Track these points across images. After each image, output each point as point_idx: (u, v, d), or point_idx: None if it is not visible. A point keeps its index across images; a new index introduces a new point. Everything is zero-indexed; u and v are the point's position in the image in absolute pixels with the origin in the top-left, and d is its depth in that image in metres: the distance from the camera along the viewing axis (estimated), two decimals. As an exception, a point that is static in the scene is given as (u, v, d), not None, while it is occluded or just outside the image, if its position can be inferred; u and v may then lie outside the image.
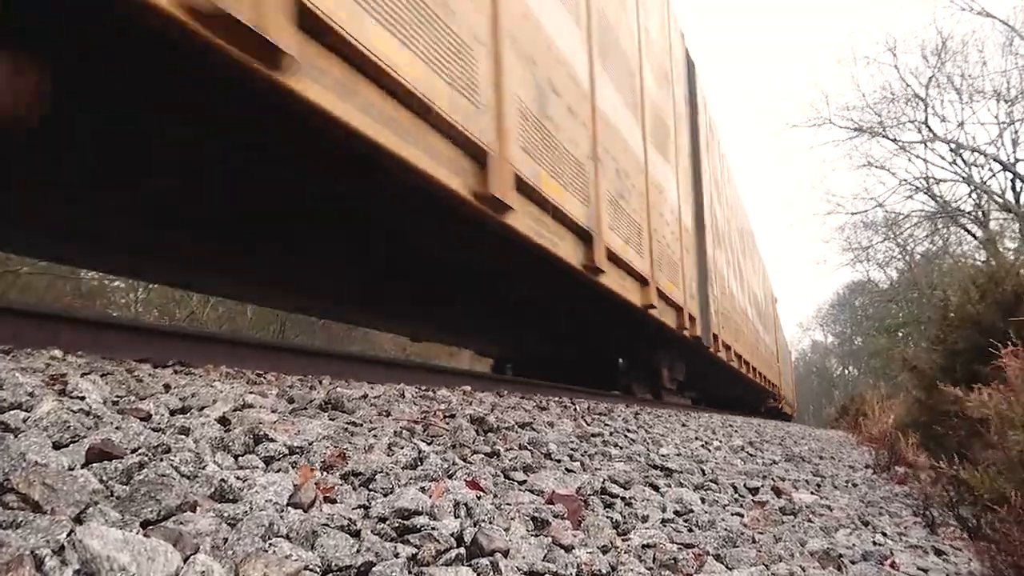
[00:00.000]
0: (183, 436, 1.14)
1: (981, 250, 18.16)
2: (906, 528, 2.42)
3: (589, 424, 2.90)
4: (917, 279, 20.50)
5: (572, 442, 2.21)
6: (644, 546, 1.26)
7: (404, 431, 1.65)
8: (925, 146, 19.93)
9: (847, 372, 43.24)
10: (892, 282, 25.55)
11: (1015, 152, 18.49)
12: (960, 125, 19.30)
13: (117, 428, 1.08)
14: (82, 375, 1.41)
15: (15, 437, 0.93)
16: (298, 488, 1.03)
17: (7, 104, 1.63)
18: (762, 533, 1.61)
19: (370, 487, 1.18)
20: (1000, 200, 18.90)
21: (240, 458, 1.16)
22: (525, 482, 1.52)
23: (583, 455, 2.05)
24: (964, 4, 17.88)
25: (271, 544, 0.84)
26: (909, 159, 21.35)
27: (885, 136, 20.25)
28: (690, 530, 1.50)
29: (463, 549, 0.99)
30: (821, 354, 46.43)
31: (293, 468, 1.16)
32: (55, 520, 0.73)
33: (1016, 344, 1.92)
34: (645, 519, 1.48)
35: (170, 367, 1.92)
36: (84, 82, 1.91)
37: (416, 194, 2.45)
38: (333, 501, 1.09)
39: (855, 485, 3.40)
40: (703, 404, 8.77)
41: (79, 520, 0.78)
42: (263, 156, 2.38)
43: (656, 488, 1.84)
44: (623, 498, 1.61)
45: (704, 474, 2.30)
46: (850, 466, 4.56)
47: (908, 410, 4.52)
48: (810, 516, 2.06)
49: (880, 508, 2.76)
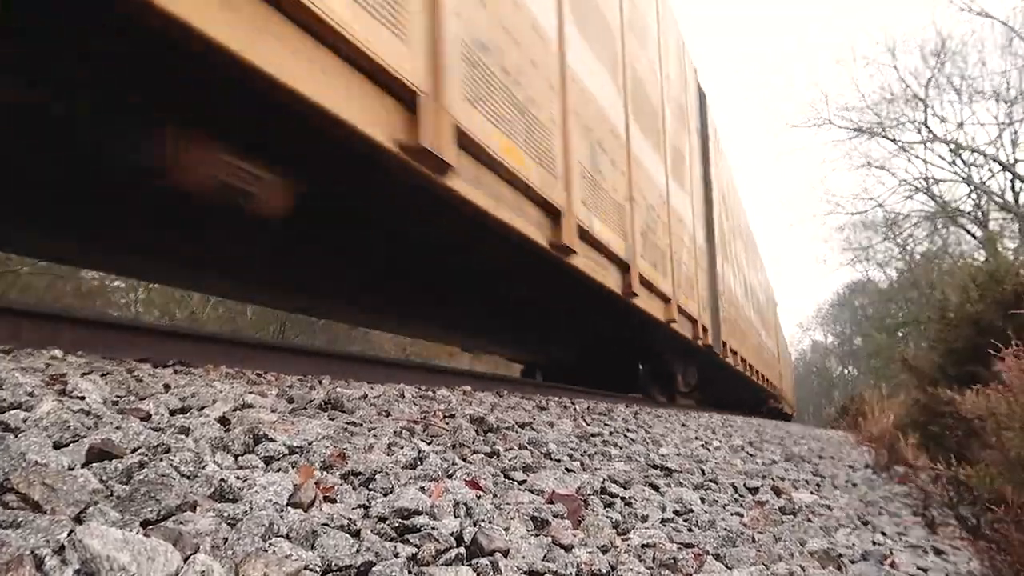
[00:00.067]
0: (183, 436, 1.14)
1: (981, 250, 18.17)
2: (906, 528, 2.42)
3: (589, 424, 2.90)
4: (917, 279, 20.51)
5: (572, 442, 2.21)
6: (644, 546, 1.26)
7: (404, 431, 1.65)
8: (925, 146, 19.97)
9: (847, 372, 43.24)
10: (892, 282, 25.58)
11: (1014, 152, 18.53)
12: (960, 125, 19.35)
13: (117, 428, 1.08)
14: (82, 375, 1.41)
15: (15, 437, 0.93)
16: (298, 488, 1.03)
17: (276, 209, 2.48)
18: (762, 533, 1.61)
19: (370, 487, 1.18)
20: (1000, 200, 18.93)
21: (240, 458, 1.16)
22: (525, 482, 1.53)
23: (583, 455, 2.05)
24: (963, 4, 17.92)
25: (271, 544, 0.84)
26: (909, 159, 21.40)
27: (885, 136, 20.30)
28: (690, 530, 1.50)
29: (463, 549, 0.99)
30: (821, 354, 46.43)
31: (293, 468, 1.16)
32: (55, 520, 0.73)
33: (1015, 344, 1.92)
34: (645, 519, 1.48)
35: (170, 367, 1.92)
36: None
37: (507, 243, 3.20)
38: (333, 501, 1.09)
39: (855, 485, 3.40)
40: (707, 405, 9.01)
41: (79, 520, 0.78)
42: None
43: (656, 488, 1.84)
44: (623, 498, 1.61)
45: (704, 474, 2.30)
46: (850, 466, 4.56)
47: (908, 410, 4.52)
48: (810, 516, 2.06)
49: (880, 508, 2.76)
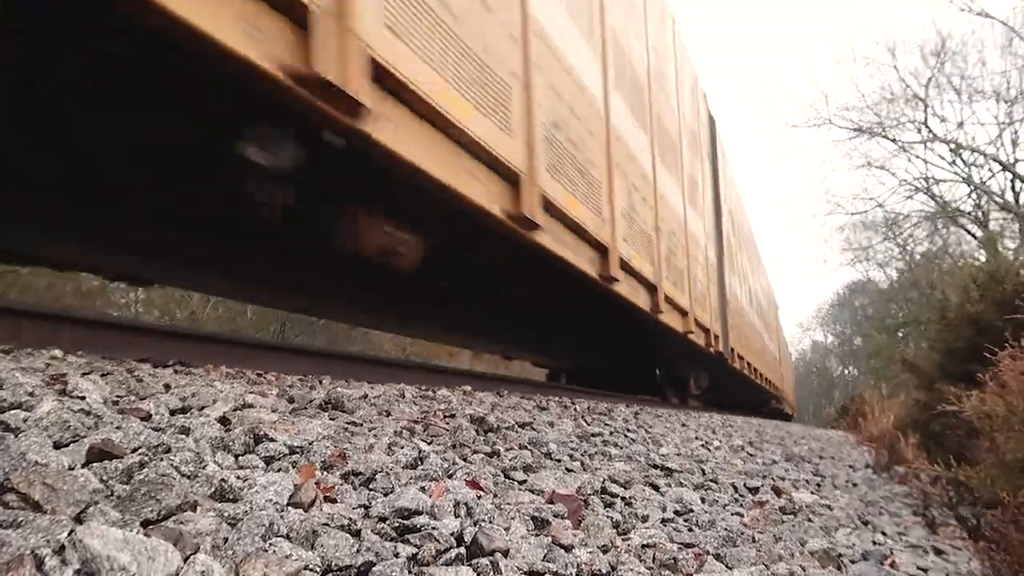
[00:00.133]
0: (183, 436, 1.14)
1: (981, 250, 18.17)
2: (906, 528, 2.42)
3: (589, 424, 2.90)
4: (917, 279, 20.51)
5: (572, 442, 2.21)
6: (644, 546, 1.26)
7: (404, 431, 1.65)
8: (925, 146, 19.95)
9: (847, 372, 43.22)
10: (892, 282, 25.56)
11: (1015, 152, 18.52)
12: (960, 125, 19.32)
13: (117, 428, 1.08)
14: (82, 375, 1.41)
15: (15, 437, 0.93)
16: (298, 488, 1.03)
17: (413, 262, 2.95)
18: (762, 533, 1.61)
19: (370, 487, 1.18)
20: (1000, 200, 18.92)
21: (240, 458, 1.16)
22: (525, 482, 1.52)
23: (583, 455, 2.05)
24: (963, 4, 17.91)
25: (271, 544, 0.84)
26: (909, 159, 21.37)
27: (885, 136, 20.28)
28: (690, 530, 1.50)
29: (463, 549, 0.99)
30: (821, 354, 46.40)
31: (293, 468, 1.16)
32: (55, 520, 0.73)
33: (1013, 345, 1.92)
34: (645, 519, 1.48)
35: (170, 367, 1.92)
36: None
37: (569, 276, 3.76)
38: (333, 501, 1.09)
39: (855, 485, 3.40)
40: (712, 406, 9.28)
41: (79, 520, 0.78)
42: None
43: (656, 488, 1.84)
44: (623, 498, 1.61)
45: (704, 474, 2.30)
46: (850, 466, 4.56)
47: (908, 409, 4.52)
48: (810, 516, 2.06)
49: (880, 508, 2.76)
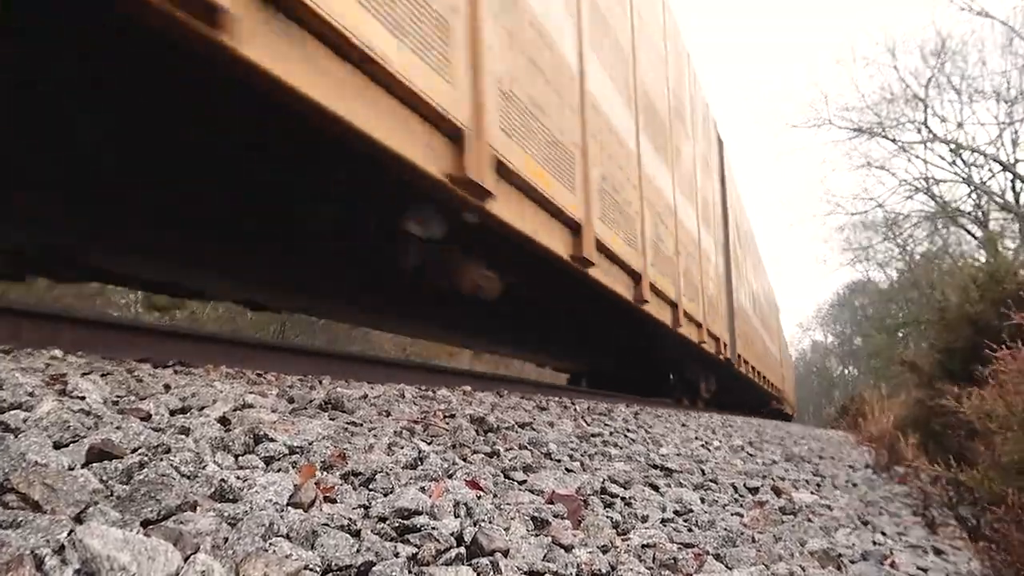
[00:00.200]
0: (183, 436, 1.14)
1: (981, 250, 18.16)
2: (906, 528, 2.42)
3: (589, 424, 2.90)
4: (917, 279, 20.50)
5: (572, 442, 2.21)
6: (644, 546, 1.26)
7: (404, 431, 1.65)
8: (925, 146, 19.95)
9: (847, 372, 43.21)
10: (892, 282, 25.56)
11: (1015, 152, 18.52)
12: (960, 125, 19.32)
13: (117, 428, 1.08)
14: (82, 375, 1.41)
15: (15, 437, 0.93)
16: (298, 488, 1.03)
17: (491, 291, 3.45)
18: (762, 533, 1.61)
19: (370, 487, 1.18)
20: (1000, 200, 18.92)
21: (240, 458, 1.16)
22: (525, 482, 1.52)
23: (583, 455, 2.05)
24: (963, 4, 17.90)
25: (271, 544, 0.84)
26: (909, 159, 21.35)
27: (885, 136, 20.28)
28: (690, 530, 1.50)
29: (463, 549, 0.99)
30: (821, 354, 46.39)
31: (293, 468, 1.16)
32: (55, 520, 0.73)
33: (1010, 345, 1.92)
34: (645, 519, 1.48)
35: (170, 367, 1.92)
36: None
37: (610, 301, 4.17)
38: (333, 501, 1.09)
39: (855, 485, 3.40)
40: (716, 406, 9.42)
41: (79, 520, 0.78)
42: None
43: (656, 488, 1.84)
44: (623, 498, 1.61)
45: (704, 474, 2.30)
46: (850, 466, 4.56)
47: (909, 409, 4.52)
48: (810, 516, 2.06)
49: (880, 508, 2.76)
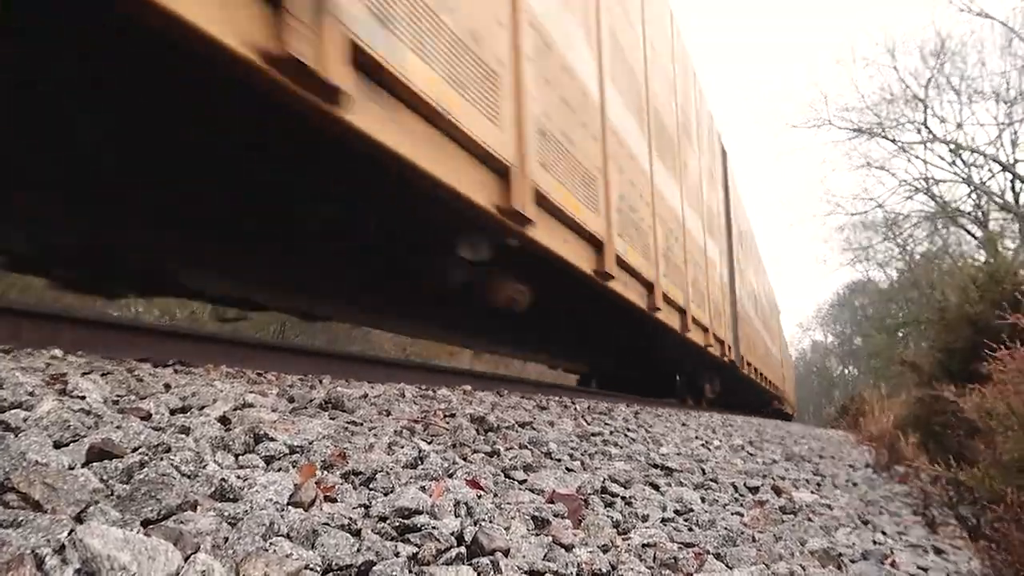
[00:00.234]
0: (183, 435, 1.14)
1: (981, 250, 18.16)
2: (906, 527, 2.42)
3: (589, 423, 2.90)
4: (917, 279, 20.50)
5: (572, 441, 2.21)
6: (644, 545, 1.26)
7: (404, 430, 1.65)
8: (924, 147, 19.95)
9: (847, 372, 43.20)
10: (892, 282, 25.55)
11: (1014, 153, 18.52)
12: (959, 126, 19.31)
13: (117, 427, 1.08)
14: (82, 374, 1.41)
15: (15, 436, 0.93)
16: (299, 487, 1.03)
17: (522, 303, 3.60)
18: (762, 532, 1.61)
19: (370, 486, 1.18)
20: (1000, 200, 18.92)
21: (240, 457, 1.16)
22: (525, 481, 1.52)
23: (583, 454, 2.05)
24: (963, 5, 17.91)
25: (272, 543, 0.84)
26: (908, 160, 21.36)
27: (884, 137, 20.27)
28: (690, 529, 1.50)
29: (463, 548, 0.98)
30: (821, 354, 46.39)
31: (294, 467, 1.16)
32: (56, 519, 0.73)
33: (1010, 345, 1.92)
34: (645, 518, 1.48)
35: (170, 367, 1.92)
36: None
37: (625, 309, 4.35)
38: (333, 500, 1.09)
39: (855, 484, 3.40)
40: (718, 406, 9.58)
41: (80, 519, 0.78)
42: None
43: (656, 487, 1.84)
44: (623, 497, 1.61)
45: (704, 473, 2.30)
46: (850, 465, 4.56)
47: (909, 408, 4.52)
48: (810, 515, 2.06)
49: (880, 507, 2.76)
